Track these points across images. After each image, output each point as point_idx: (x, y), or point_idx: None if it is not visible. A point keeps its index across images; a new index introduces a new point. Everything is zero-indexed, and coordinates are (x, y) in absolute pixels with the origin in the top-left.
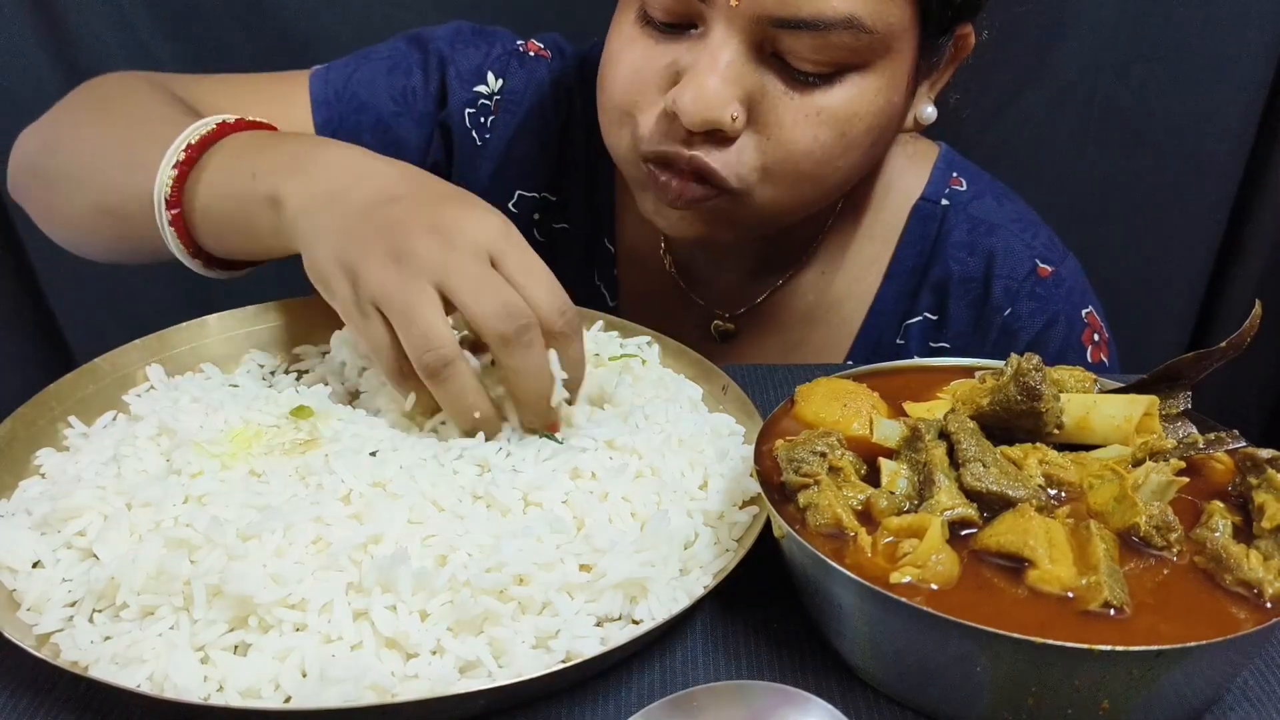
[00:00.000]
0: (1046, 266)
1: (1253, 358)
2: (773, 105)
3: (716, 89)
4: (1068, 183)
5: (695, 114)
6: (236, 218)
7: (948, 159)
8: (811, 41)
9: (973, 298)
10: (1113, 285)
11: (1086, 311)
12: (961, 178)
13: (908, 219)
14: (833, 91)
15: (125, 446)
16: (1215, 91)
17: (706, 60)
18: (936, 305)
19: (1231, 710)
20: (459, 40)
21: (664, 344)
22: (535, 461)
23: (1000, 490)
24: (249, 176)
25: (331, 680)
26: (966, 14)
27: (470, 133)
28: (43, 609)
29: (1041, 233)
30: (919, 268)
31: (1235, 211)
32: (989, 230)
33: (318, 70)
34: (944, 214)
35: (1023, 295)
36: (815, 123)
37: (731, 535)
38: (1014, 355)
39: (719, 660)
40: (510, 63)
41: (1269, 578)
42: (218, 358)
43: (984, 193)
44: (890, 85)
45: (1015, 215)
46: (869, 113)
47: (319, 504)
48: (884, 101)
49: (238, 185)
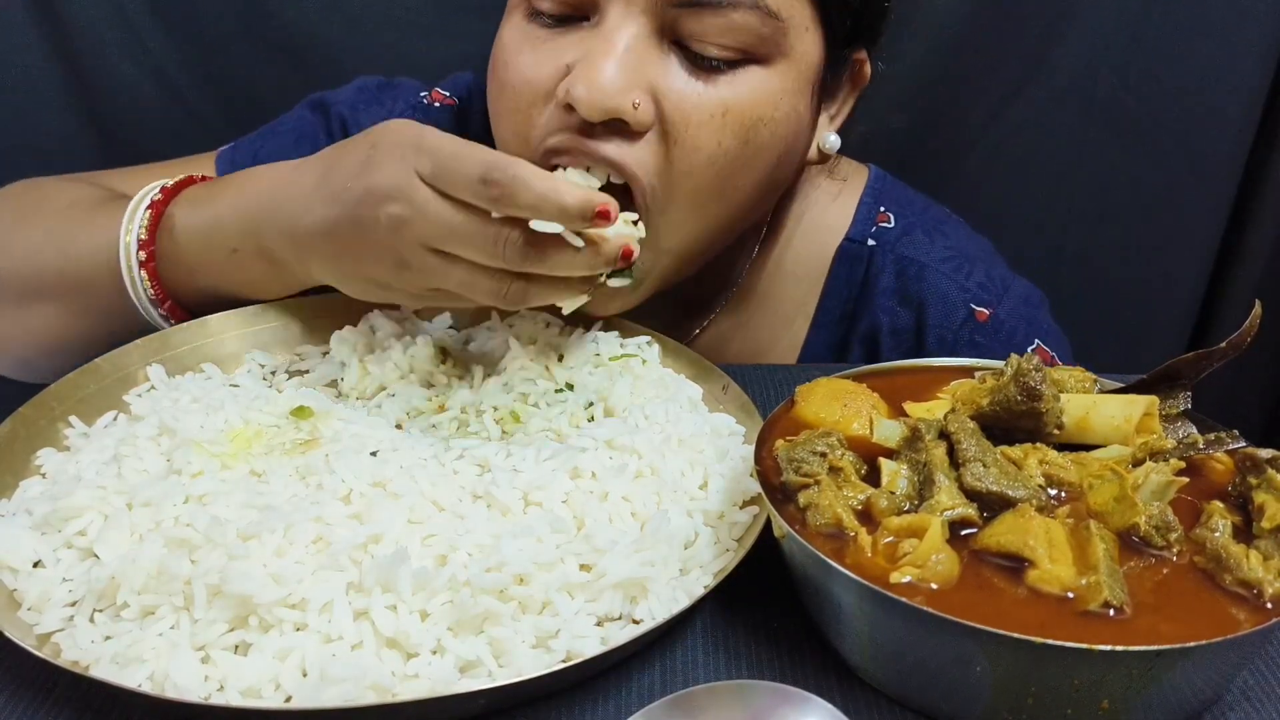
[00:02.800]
0: (983, 309)
1: (1253, 358)
2: (678, 99)
3: (613, 75)
4: (1068, 183)
5: (591, 102)
6: (215, 246)
7: (874, 191)
8: (714, 21)
9: (905, 350)
10: (1113, 285)
11: (1033, 347)
12: (889, 212)
13: (832, 262)
14: (737, 83)
15: (125, 446)
16: (1215, 91)
17: (601, 46)
18: (867, 357)
19: (1231, 710)
20: (361, 99)
21: (664, 344)
22: (535, 461)
23: (1000, 490)
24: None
25: (331, 680)
26: (864, 34)
27: None
28: (43, 609)
29: (976, 270)
30: (846, 316)
31: (1235, 211)
32: (918, 273)
33: (223, 151)
34: (870, 255)
35: (960, 345)
36: (720, 124)
37: (731, 535)
38: (1014, 355)
39: (719, 660)
40: (414, 117)
41: (1269, 578)
42: (218, 358)
43: (913, 227)
44: (794, 90)
45: (948, 253)
46: (774, 118)
47: (319, 504)
48: (788, 108)
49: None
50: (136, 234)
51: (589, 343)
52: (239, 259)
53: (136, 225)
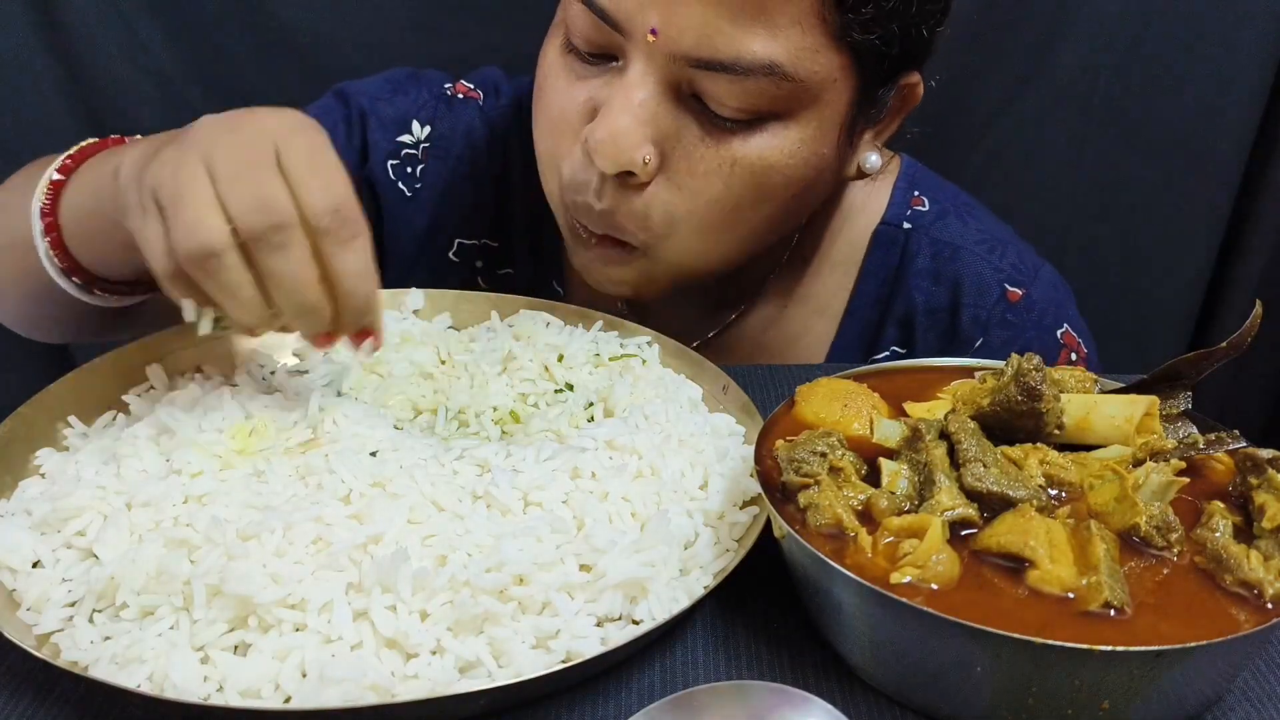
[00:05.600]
0: (1016, 290)
1: (1253, 358)
2: (686, 152)
3: (628, 128)
4: (1068, 183)
5: (606, 156)
6: (93, 205)
7: (909, 175)
8: (730, 86)
9: (941, 330)
10: (1113, 285)
11: (1061, 332)
12: (923, 196)
13: (869, 246)
14: (751, 141)
15: (125, 446)
16: (1215, 91)
17: (621, 99)
18: (903, 339)
19: (1231, 710)
20: (384, 91)
21: (664, 344)
22: (535, 461)
23: (1001, 490)
24: (111, 172)
25: (331, 680)
26: (908, 63)
27: (396, 184)
28: (43, 609)
29: (1009, 251)
30: (882, 299)
31: (1235, 211)
32: (953, 254)
33: None
34: (906, 239)
35: (993, 324)
36: (728, 174)
37: (731, 535)
38: (1014, 355)
39: (719, 660)
40: (438, 108)
41: (1269, 578)
42: (218, 358)
43: (947, 212)
44: (816, 137)
45: (981, 235)
46: (788, 165)
47: (319, 504)
48: (808, 153)
49: (100, 179)
50: (39, 203)
51: (589, 343)
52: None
53: (40, 192)
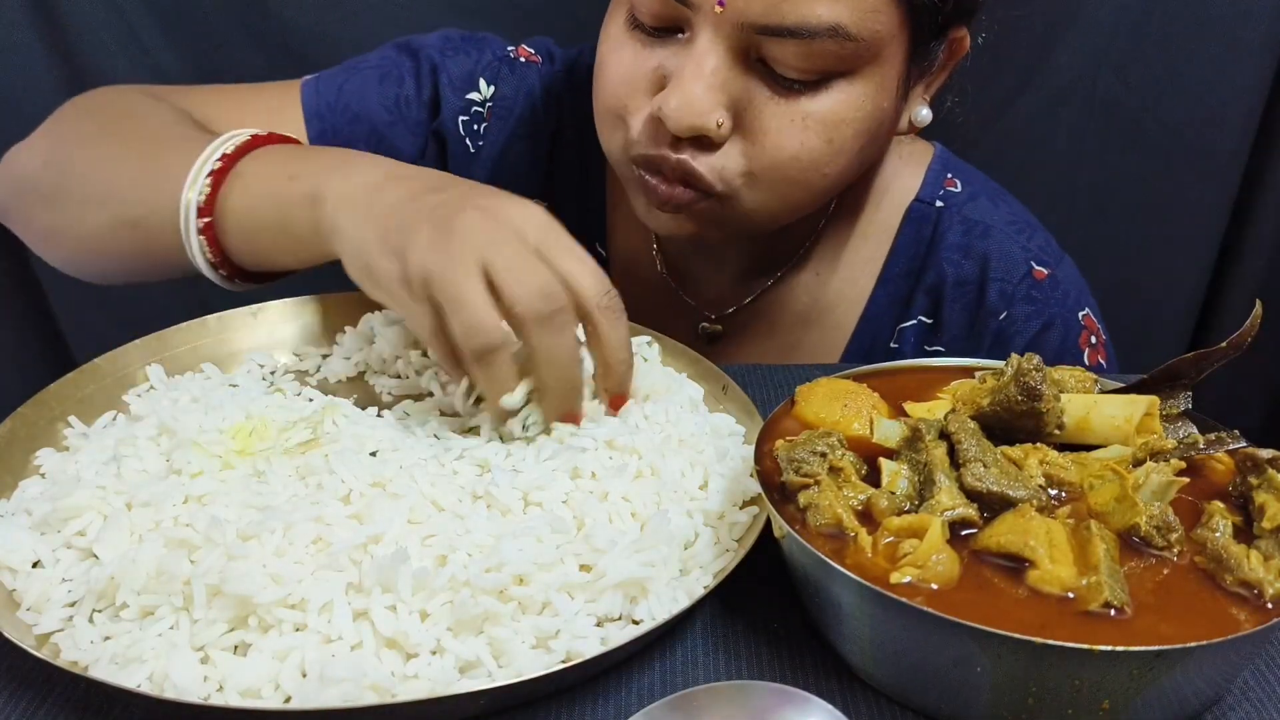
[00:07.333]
0: (1042, 269)
1: (1253, 358)
2: (758, 112)
3: (701, 96)
4: (1068, 183)
5: (680, 121)
6: (272, 219)
7: (943, 160)
8: (796, 49)
9: (967, 301)
10: (1113, 285)
11: (1083, 314)
12: (956, 179)
13: (902, 221)
14: (819, 98)
15: (125, 446)
16: (1215, 91)
17: (692, 67)
18: (931, 309)
19: (1231, 710)
20: (449, 47)
21: (664, 344)
22: (535, 461)
23: (1001, 490)
24: (286, 179)
25: (331, 680)
26: (959, 18)
27: (464, 140)
28: (42, 609)
29: (1037, 235)
30: (913, 271)
31: (1235, 211)
32: (984, 232)
33: (308, 81)
34: (938, 216)
35: (1018, 299)
36: (801, 128)
37: (731, 535)
38: (1014, 355)
39: (719, 660)
40: (501, 69)
41: (1269, 578)
42: (218, 358)
43: (979, 194)
44: (878, 91)
45: (1011, 217)
46: (856, 119)
47: (319, 504)
48: (872, 107)
49: (275, 187)
50: (197, 198)
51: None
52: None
53: (199, 187)
